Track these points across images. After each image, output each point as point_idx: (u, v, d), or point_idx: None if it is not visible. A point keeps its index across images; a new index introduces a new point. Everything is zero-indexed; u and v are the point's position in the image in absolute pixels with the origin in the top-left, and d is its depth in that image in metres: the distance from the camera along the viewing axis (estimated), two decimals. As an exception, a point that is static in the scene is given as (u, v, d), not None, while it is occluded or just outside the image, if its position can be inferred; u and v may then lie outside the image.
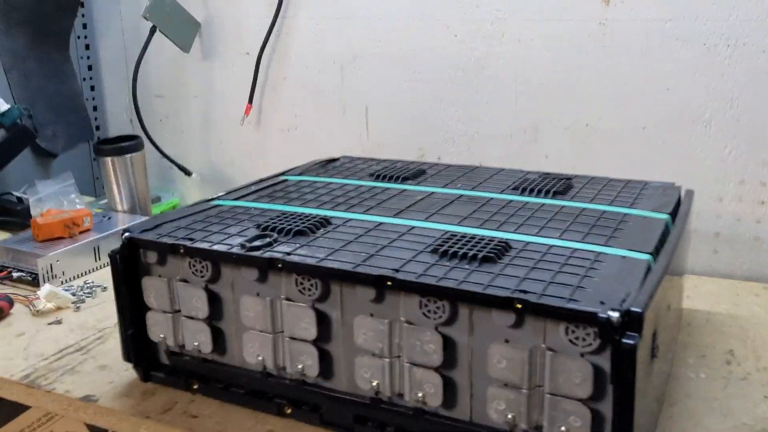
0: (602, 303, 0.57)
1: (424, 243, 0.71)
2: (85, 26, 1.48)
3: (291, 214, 0.80)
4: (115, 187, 1.26)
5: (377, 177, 0.98)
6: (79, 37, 1.47)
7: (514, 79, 1.14)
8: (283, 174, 1.03)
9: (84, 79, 1.49)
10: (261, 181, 0.99)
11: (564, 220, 0.77)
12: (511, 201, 0.85)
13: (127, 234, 0.76)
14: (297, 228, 0.74)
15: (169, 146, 1.44)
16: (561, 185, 0.90)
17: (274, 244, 0.71)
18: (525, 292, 0.59)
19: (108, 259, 1.16)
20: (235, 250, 0.70)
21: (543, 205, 0.83)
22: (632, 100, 1.07)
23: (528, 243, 0.70)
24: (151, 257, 0.76)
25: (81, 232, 1.13)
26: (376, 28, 1.22)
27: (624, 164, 1.10)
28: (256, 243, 0.71)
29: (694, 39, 1.02)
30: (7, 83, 1.32)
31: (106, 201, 1.33)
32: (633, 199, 0.85)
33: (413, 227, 0.76)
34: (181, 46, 1.32)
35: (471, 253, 0.66)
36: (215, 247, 0.71)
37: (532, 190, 0.88)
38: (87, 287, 1.05)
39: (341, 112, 1.29)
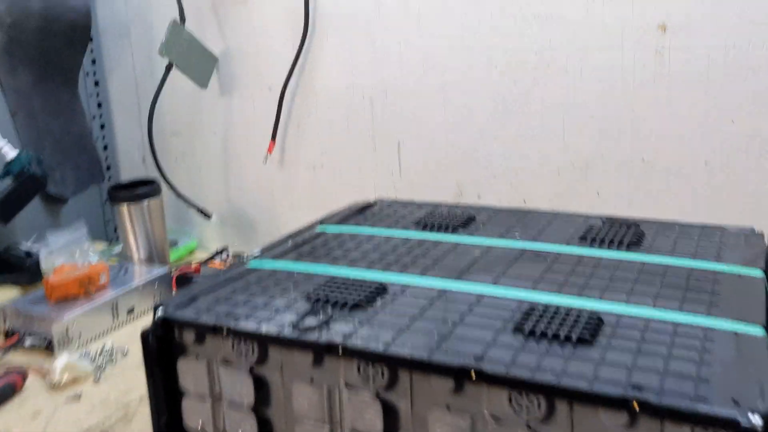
0: (735, 402, 0.48)
1: (502, 317, 0.62)
2: (94, 62, 1.40)
3: (341, 281, 0.71)
4: (131, 235, 1.18)
5: (424, 226, 0.89)
6: (87, 74, 1.39)
7: (561, 112, 1.06)
8: (319, 223, 0.94)
9: (93, 118, 1.41)
10: (297, 233, 0.91)
11: (650, 281, 0.69)
12: (582, 257, 0.76)
13: (161, 312, 0.67)
14: (353, 301, 0.66)
15: (185, 186, 1.36)
16: (632, 234, 0.81)
17: (330, 322, 0.63)
18: (640, 387, 0.50)
19: (127, 316, 1.10)
20: (286, 331, 0.62)
21: (620, 261, 0.74)
22: (693, 133, 0.99)
23: (621, 316, 0.62)
24: (188, 337, 0.67)
25: (97, 289, 1.04)
26: (409, 60, 1.14)
27: (685, 202, 1.01)
28: (309, 322, 0.63)
29: (762, 67, 0.94)
30: (12, 125, 1.23)
31: (120, 248, 1.25)
32: (716, 251, 0.77)
33: (483, 296, 0.67)
34: (198, 82, 1.24)
35: (563, 333, 0.58)
36: (264, 328, 0.63)
37: (602, 242, 0.80)
38: (106, 352, 0.96)
39: (372, 149, 1.21)
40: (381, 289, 0.69)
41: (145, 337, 0.68)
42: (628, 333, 0.59)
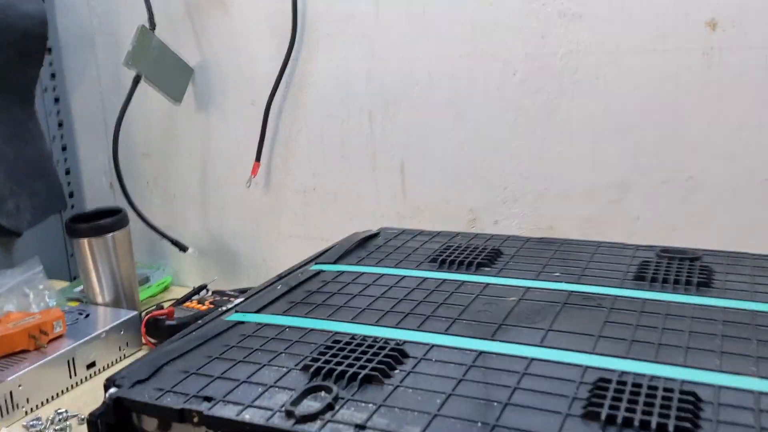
0: None
1: (564, 395, 0.47)
2: (53, 76, 1.25)
3: (346, 341, 0.56)
4: (93, 274, 1.01)
5: (441, 263, 0.74)
6: (46, 90, 1.23)
7: (591, 124, 0.92)
8: (314, 260, 0.79)
9: (54, 139, 1.26)
10: (288, 274, 0.75)
11: (741, 337, 0.54)
12: (645, 302, 0.61)
13: (113, 391, 0.51)
14: (364, 372, 0.50)
15: (158, 215, 1.21)
16: (698, 271, 0.67)
17: (335, 405, 0.47)
18: None
19: (87, 372, 0.94)
20: (277, 420, 0.46)
21: (693, 308, 0.60)
22: (748, 146, 0.85)
23: (719, 389, 0.47)
24: (149, 423, 0.51)
25: (51, 341, 0.88)
26: (412, 68, 0.99)
27: (739, 227, 0.87)
28: (308, 405, 0.47)
29: (829, 68, 0.80)
30: (-42, 149, 1.08)
31: (82, 288, 1.09)
32: (807, 291, 0.62)
33: (531, 360, 0.52)
34: (171, 96, 1.09)
35: (654, 420, 0.43)
36: (247, 415, 0.47)
37: (665, 281, 0.65)
38: (59, 419, 0.80)
39: (371, 169, 1.06)
40: (399, 353, 0.54)
41: (92, 422, 0.52)
42: (738, 416, 0.44)
